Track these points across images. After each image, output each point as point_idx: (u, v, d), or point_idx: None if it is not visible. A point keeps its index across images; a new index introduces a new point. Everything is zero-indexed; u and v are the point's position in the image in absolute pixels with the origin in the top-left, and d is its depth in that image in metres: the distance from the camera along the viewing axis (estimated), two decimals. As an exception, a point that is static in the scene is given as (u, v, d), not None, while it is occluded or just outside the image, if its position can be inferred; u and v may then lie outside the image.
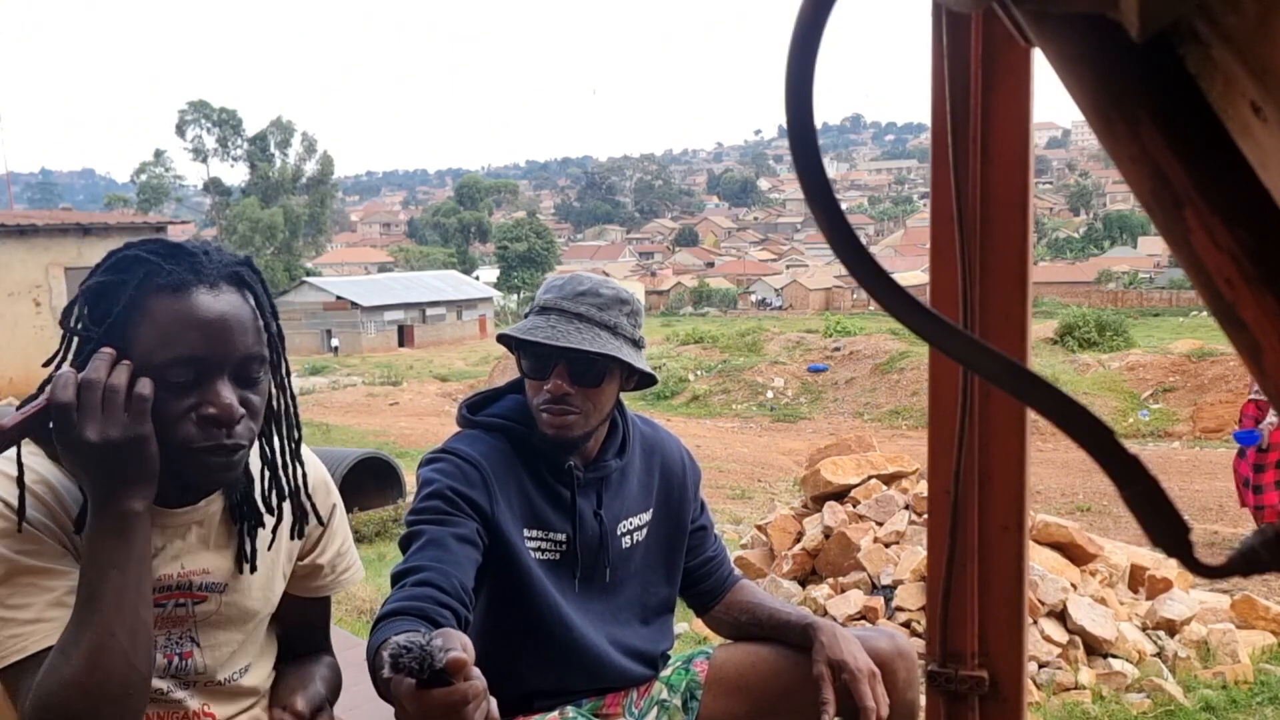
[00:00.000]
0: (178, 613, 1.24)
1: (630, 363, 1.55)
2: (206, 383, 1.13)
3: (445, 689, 0.97)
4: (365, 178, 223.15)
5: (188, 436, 1.12)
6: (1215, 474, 11.97)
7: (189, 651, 1.26)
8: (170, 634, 1.24)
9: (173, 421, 1.12)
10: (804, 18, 0.41)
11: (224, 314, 1.13)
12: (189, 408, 1.12)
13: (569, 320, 1.54)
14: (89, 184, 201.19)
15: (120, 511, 1.07)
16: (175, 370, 1.11)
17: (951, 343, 0.43)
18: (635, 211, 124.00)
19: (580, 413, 1.55)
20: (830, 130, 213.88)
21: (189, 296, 1.12)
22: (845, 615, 4.72)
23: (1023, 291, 1.42)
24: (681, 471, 1.77)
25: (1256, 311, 0.35)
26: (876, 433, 14.47)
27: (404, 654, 0.94)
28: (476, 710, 0.99)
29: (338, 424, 18.81)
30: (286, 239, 49.79)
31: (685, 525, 1.76)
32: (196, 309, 1.12)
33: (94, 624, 1.05)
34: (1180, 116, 0.36)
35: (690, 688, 1.70)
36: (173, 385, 1.12)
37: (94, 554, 1.07)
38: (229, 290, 1.15)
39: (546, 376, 1.55)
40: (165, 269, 1.12)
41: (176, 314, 1.11)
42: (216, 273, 1.15)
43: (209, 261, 1.15)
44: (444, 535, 1.42)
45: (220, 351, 1.13)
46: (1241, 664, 4.28)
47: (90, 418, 1.06)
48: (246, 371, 1.16)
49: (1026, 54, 1.37)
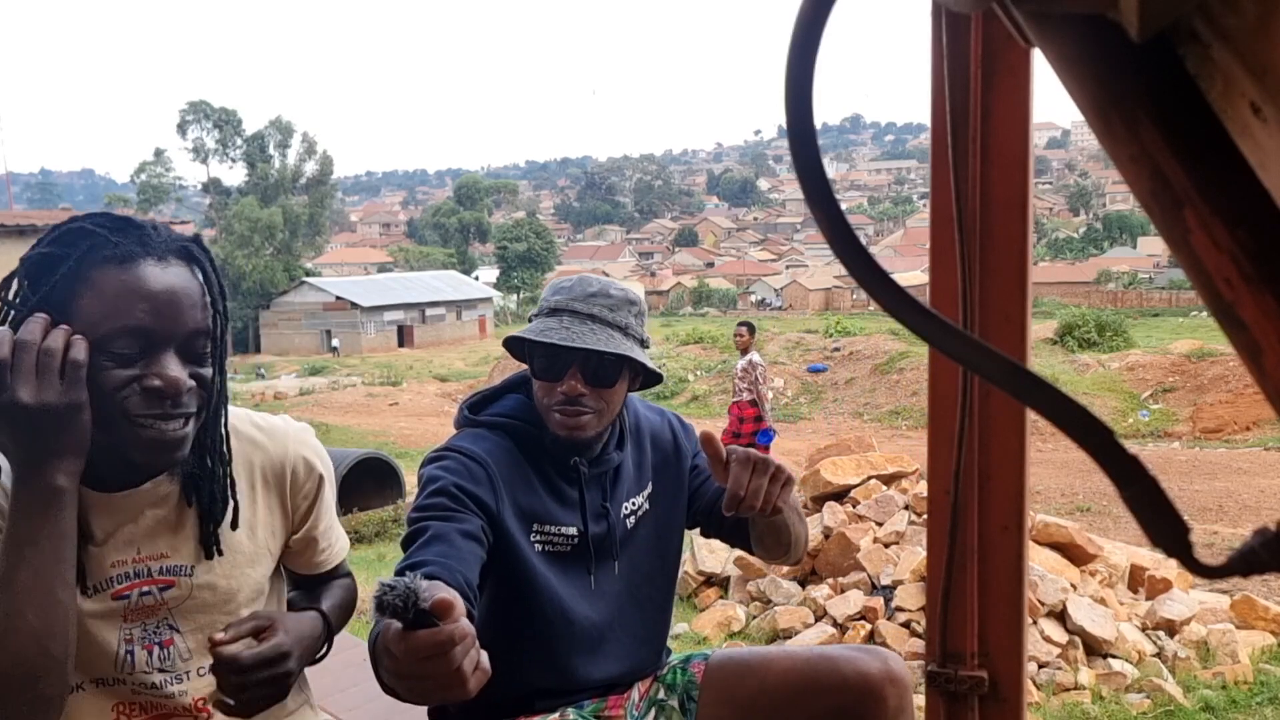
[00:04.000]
0: (145, 601, 1.21)
1: (642, 362, 1.57)
2: (152, 355, 1.09)
3: (431, 629, 0.94)
4: (365, 178, 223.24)
5: (131, 406, 1.08)
6: (1215, 474, 11.98)
7: (169, 639, 1.23)
8: (146, 624, 1.21)
9: (114, 392, 1.08)
10: (804, 18, 0.41)
11: (173, 287, 1.10)
12: (132, 378, 1.09)
13: (582, 321, 1.54)
14: (89, 184, 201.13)
15: (45, 485, 1.03)
16: (121, 342, 1.08)
17: (951, 343, 0.43)
18: (635, 212, 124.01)
19: (594, 413, 1.56)
20: (830, 130, 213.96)
21: (136, 268, 1.08)
22: (845, 615, 4.72)
23: (1022, 291, 1.42)
24: (671, 436, 1.77)
25: (1256, 311, 0.35)
26: (876, 433, 14.47)
27: (388, 592, 0.90)
28: (465, 655, 0.97)
29: (337, 424, 18.82)
30: (286, 239, 49.76)
31: (685, 479, 1.75)
32: (145, 281, 1.08)
33: (4, 604, 1.01)
34: (1180, 116, 0.36)
35: (687, 689, 1.71)
36: (117, 356, 1.08)
37: (13, 529, 1.03)
38: (178, 264, 1.12)
39: (560, 378, 1.54)
40: (112, 241, 1.08)
41: (123, 285, 1.07)
42: (165, 246, 1.11)
43: (157, 235, 1.12)
44: (449, 530, 1.41)
45: (168, 325, 1.09)
46: (1241, 664, 4.28)
47: (24, 379, 1.02)
48: (193, 347, 1.13)
49: (1026, 54, 1.37)
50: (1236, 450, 14.39)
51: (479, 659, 1.00)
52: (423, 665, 0.96)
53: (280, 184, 53.15)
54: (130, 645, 1.20)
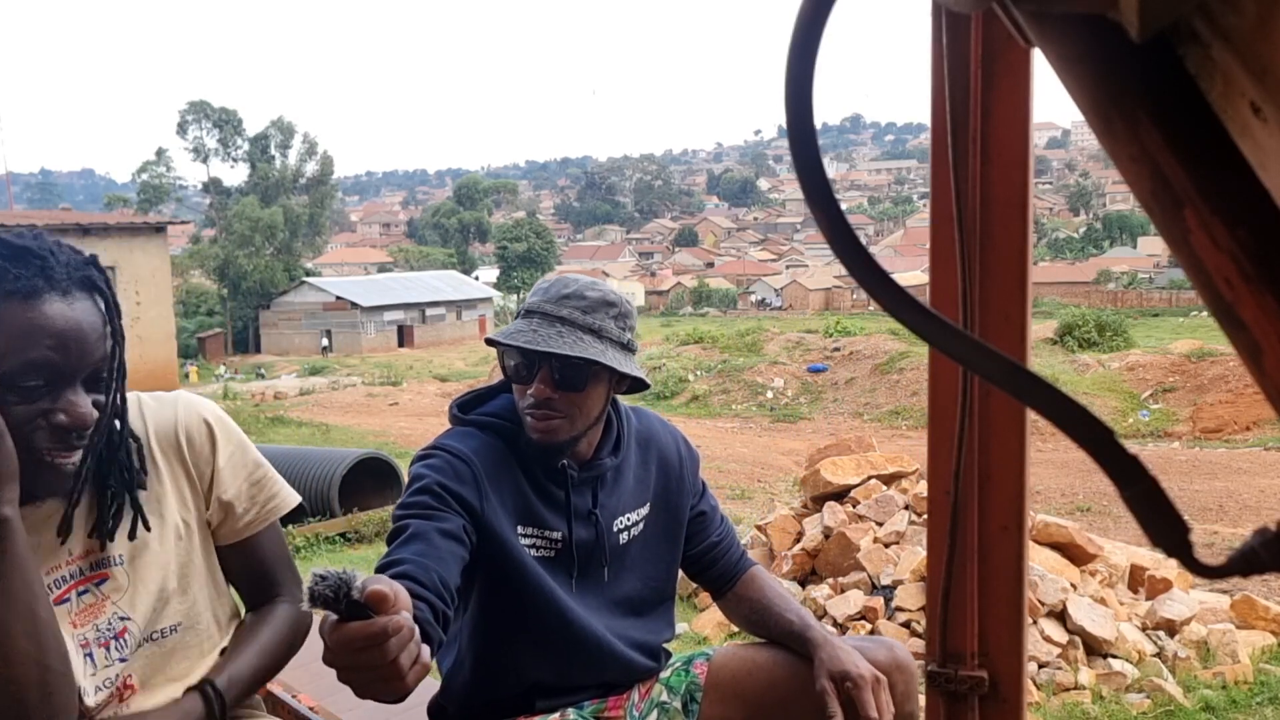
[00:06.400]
0: (86, 600, 1.22)
1: (614, 367, 1.53)
2: (59, 390, 1.10)
3: (363, 621, 0.92)
4: (365, 178, 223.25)
5: (37, 441, 1.10)
6: (1215, 474, 11.98)
7: (123, 629, 1.24)
8: (96, 624, 1.22)
9: (22, 425, 1.09)
10: (804, 18, 0.41)
11: (78, 322, 1.11)
12: (40, 412, 1.10)
13: (551, 324, 1.51)
14: (89, 184, 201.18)
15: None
16: (27, 377, 1.08)
17: (951, 343, 0.43)
18: (635, 212, 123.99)
19: (565, 417, 1.53)
20: (830, 130, 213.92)
21: (41, 304, 1.08)
22: (845, 615, 4.72)
23: (1022, 291, 1.42)
24: (678, 461, 1.76)
25: (1256, 311, 0.35)
26: (876, 433, 14.48)
27: (319, 582, 0.88)
28: (401, 649, 0.95)
29: (337, 424, 18.80)
30: (286, 239, 49.73)
31: (684, 515, 1.75)
32: (50, 319, 1.09)
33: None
34: (1180, 116, 0.36)
35: (690, 690, 1.70)
36: (21, 390, 1.08)
37: None
38: (81, 297, 1.13)
39: (530, 381, 1.53)
40: (13, 273, 1.08)
41: (29, 322, 1.08)
42: (67, 277, 1.11)
43: (58, 265, 1.11)
44: (428, 529, 1.40)
45: (75, 361, 1.10)
46: (1241, 664, 4.29)
47: None
48: (97, 375, 1.15)
49: (1026, 54, 1.37)
50: (1236, 450, 14.39)
51: (418, 653, 0.99)
52: (355, 657, 0.94)
53: (281, 184, 53.14)
54: (88, 648, 1.21)
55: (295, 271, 49.85)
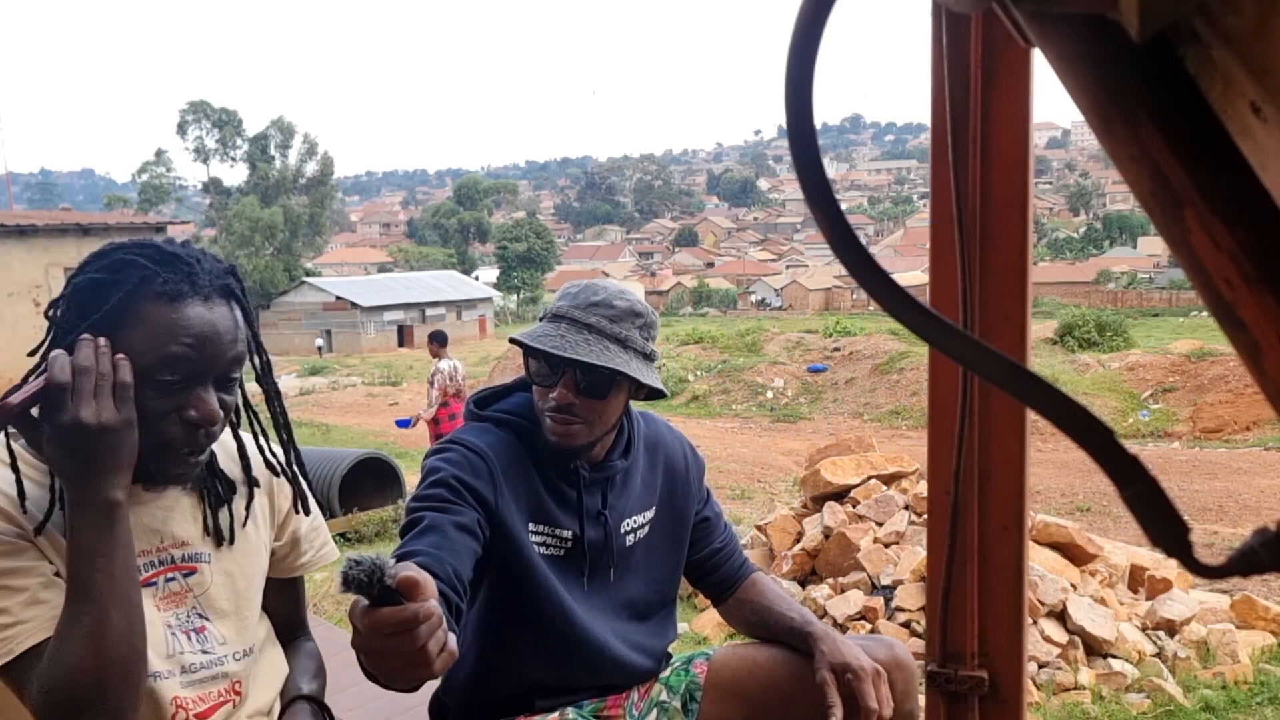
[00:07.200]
0: (172, 588, 1.28)
1: (638, 379, 1.54)
2: (193, 387, 1.19)
3: (395, 607, 0.95)
4: (365, 178, 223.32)
5: (170, 436, 1.19)
6: (1215, 474, 11.98)
7: (201, 626, 1.30)
8: (178, 612, 1.28)
9: (155, 419, 1.17)
10: (804, 18, 0.41)
11: (217, 327, 1.19)
12: (173, 408, 1.18)
13: (579, 330, 1.52)
14: (89, 184, 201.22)
15: (103, 499, 1.10)
16: (165, 373, 1.16)
17: (951, 343, 0.43)
18: (635, 212, 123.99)
19: (584, 422, 1.55)
20: (830, 130, 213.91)
21: (185, 307, 1.17)
22: (845, 615, 4.72)
23: (1022, 291, 1.42)
24: (685, 467, 1.77)
25: (1256, 311, 0.35)
26: (876, 433, 14.47)
27: (354, 567, 0.91)
28: (430, 635, 0.97)
29: (337, 424, 18.80)
30: (286, 239, 49.74)
31: (689, 520, 1.76)
32: (192, 321, 1.17)
33: (91, 611, 1.08)
34: (1180, 116, 0.36)
35: (690, 689, 1.70)
36: (159, 385, 1.16)
37: (80, 544, 1.09)
38: (220, 303, 1.21)
39: (553, 385, 1.54)
40: (161, 276, 1.16)
41: (173, 323, 1.16)
42: (210, 284, 1.20)
43: (202, 271, 1.20)
44: (444, 522, 1.41)
45: (210, 361, 1.19)
46: (1241, 664, 4.28)
47: (84, 400, 1.09)
48: (228, 377, 1.23)
49: (1026, 54, 1.37)
50: (1236, 450, 14.38)
51: (446, 641, 1.00)
52: (386, 642, 0.96)
53: (281, 184, 53.13)
54: (172, 630, 1.27)
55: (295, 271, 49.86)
